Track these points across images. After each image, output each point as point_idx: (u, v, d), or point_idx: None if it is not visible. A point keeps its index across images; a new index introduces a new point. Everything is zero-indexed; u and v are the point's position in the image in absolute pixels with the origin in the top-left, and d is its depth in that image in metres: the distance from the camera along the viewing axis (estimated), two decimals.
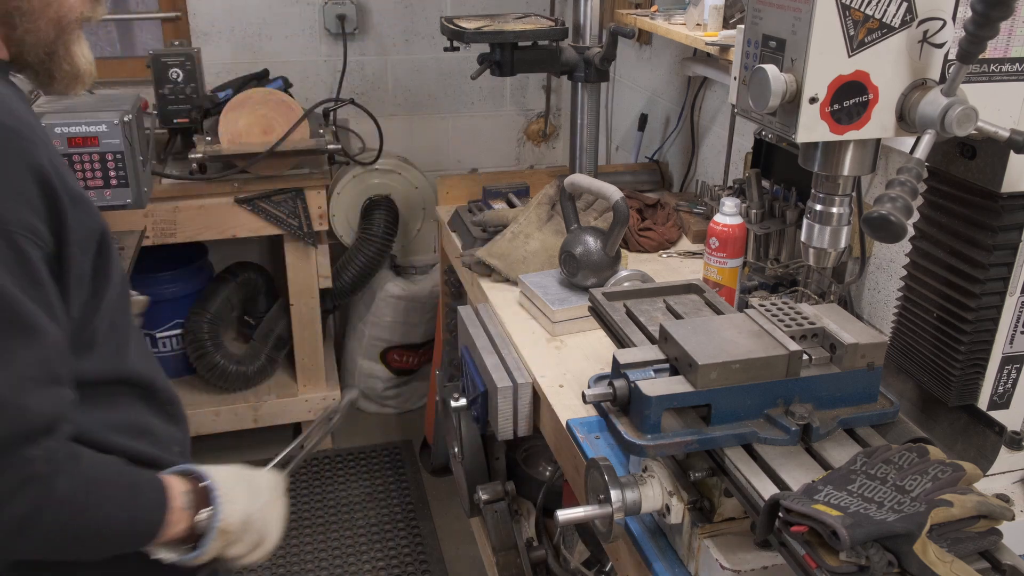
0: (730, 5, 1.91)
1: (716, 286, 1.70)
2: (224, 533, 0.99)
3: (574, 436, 1.38)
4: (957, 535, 0.87)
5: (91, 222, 0.92)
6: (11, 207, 0.81)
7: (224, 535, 0.99)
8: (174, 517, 0.96)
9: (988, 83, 1.00)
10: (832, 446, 1.04)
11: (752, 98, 0.98)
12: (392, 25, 3.10)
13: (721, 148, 2.29)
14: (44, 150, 0.86)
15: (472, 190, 2.46)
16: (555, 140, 3.46)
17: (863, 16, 0.92)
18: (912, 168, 0.91)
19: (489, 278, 1.97)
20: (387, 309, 3.14)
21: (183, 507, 0.97)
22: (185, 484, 0.99)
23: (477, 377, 1.72)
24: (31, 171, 0.84)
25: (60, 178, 0.87)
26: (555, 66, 2.21)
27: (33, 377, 0.83)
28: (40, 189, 0.84)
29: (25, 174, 0.83)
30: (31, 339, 0.83)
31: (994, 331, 1.13)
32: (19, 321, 0.82)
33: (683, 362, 1.06)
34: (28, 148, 0.84)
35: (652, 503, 1.07)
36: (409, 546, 2.70)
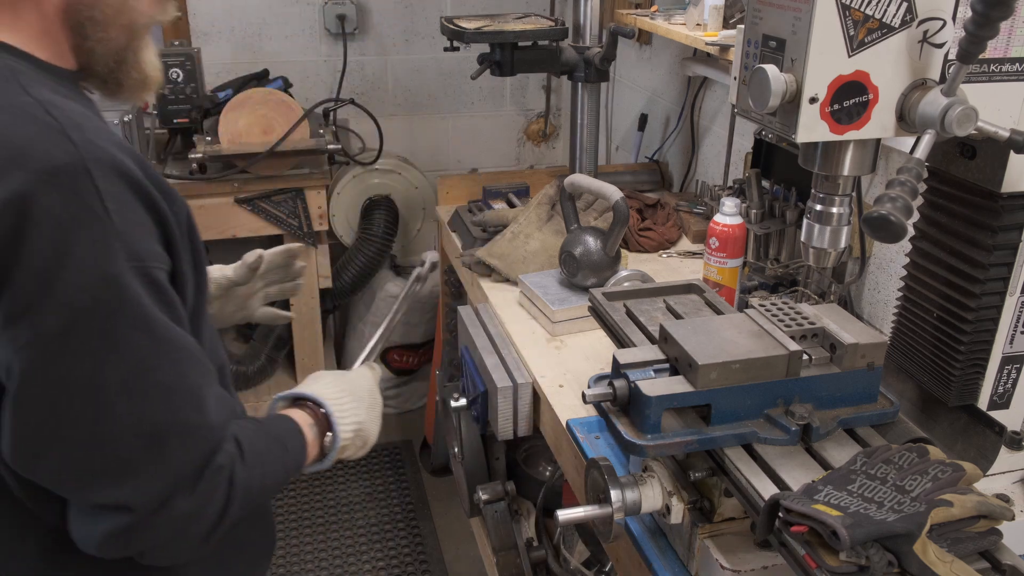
0: (730, 5, 1.91)
1: (716, 286, 1.70)
2: (343, 448, 1.12)
3: (574, 436, 1.38)
4: (957, 535, 0.87)
5: (182, 211, 0.92)
6: (139, 242, 0.82)
7: (343, 449, 1.12)
8: (311, 450, 1.07)
9: (988, 83, 1.00)
10: (832, 446, 1.04)
11: (752, 98, 0.98)
12: (392, 25, 3.10)
13: (721, 148, 2.29)
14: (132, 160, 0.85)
15: (472, 190, 2.46)
16: (555, 140, 3.46)
17: (863, 16, 0.92)
18: (912, 168, 0.91)
19: (489, 278, 1.97)
20: (387, 309, 3.13)
21: (314, 438, 1.08)
22: (309, 416, 1.09)
23: (477, 377, 1.72)
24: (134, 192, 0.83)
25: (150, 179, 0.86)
26: (555, 66, 2.21)
27: (208, 394, 0.89)
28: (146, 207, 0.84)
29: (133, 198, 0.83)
30: (192, 359, 0.87)
31: (994, 331, 1.13)
32: (180, 347, 0.86)
33: (683, 362, 1.06)
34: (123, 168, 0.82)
35: (652, 503, 1.07)
36: (409, 546, 2.70)
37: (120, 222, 0.80)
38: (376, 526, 2.77)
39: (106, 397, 0.81)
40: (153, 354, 0.83)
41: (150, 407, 0.83)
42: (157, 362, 0.83)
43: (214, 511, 0.88)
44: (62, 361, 0.79)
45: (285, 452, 1.01)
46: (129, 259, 0.80)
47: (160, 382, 0.84)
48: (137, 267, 0.81)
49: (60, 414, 0.81)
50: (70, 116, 0.82)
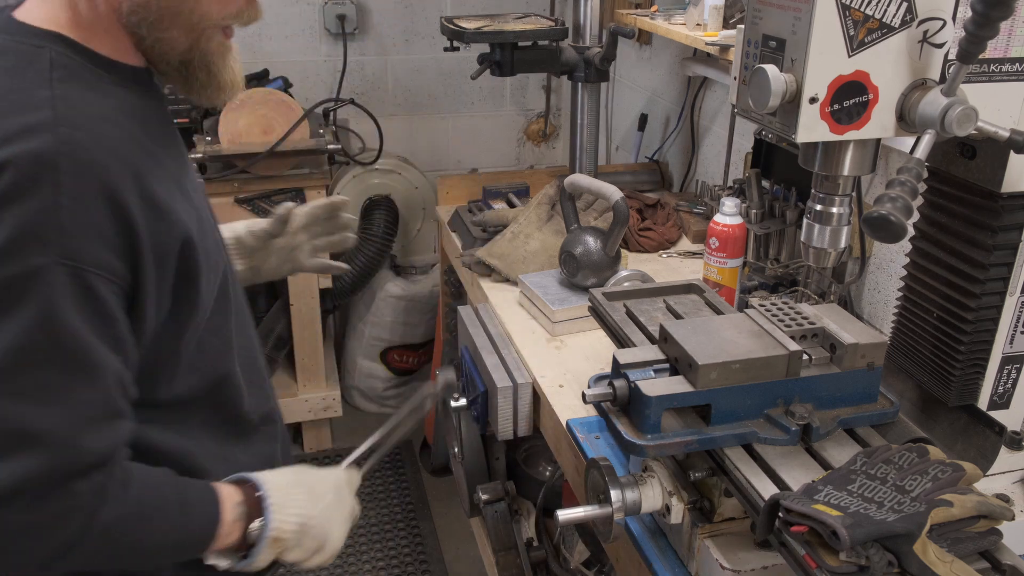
0: (730, 5, 1.91)
1: (716, 286, 1.70)
2: (277, 541, 0.98)
3: (574, 436, 1.38)
4: (957, 535, 0.87)
5: (172, 232, 0.88)
6: (83, 244, 0.80)
7: (277, 543, 0.98)
8: (225, 529, 0.96)
9: (988, 83, 1.00)
10: (832, 446, 1.04)
11: (752, 98, 0.98)
12: (392, 25, 3.10)
13: (721, 148, 2.29)
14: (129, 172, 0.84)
15: (472, 190, 2.46)
16: (555, 140, 3.46)
17: (863, 16, 0.92)
18: (912, 168, 0.91)
19: (489, 278, 1.97)
20: (387, 309, 3.14)
21: (235, 519, 0.96)
22: (239, 495, 0.98)
23: (477, 377, 1.72)
24: (105, 199, 0.81)
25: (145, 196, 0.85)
26: (555, 66, 2.21)
27: (92, 416, 0.84)
28: (114, 217, 0.82)
29: (99, 204, 0.81)
30: (93, 377, 0.83)
31: (994, 331, 1.13)
32: (83, 359, 0.82)
33: (683, 362, 1.06)
34: (102, 175, 0.81)
35: (652, 503, 1.07)
36: (409, 546, 2.70)
37: (68, 221, 0.79)
38: (376, 526, 2.78)
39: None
40: (41, 354, 0.80)
41: (13, 404, 0.80)
42: (43, 363, 0.80)
43: (59, 538, 0.83)
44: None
45: (184, 515, 0.93)
46: (62, 256, 0.79)
47: (37, 384, 0.80)
48: (69, 266, 0.79)
49: None
50: (74, 113, 0.83)
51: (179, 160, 1.00)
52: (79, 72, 0.87)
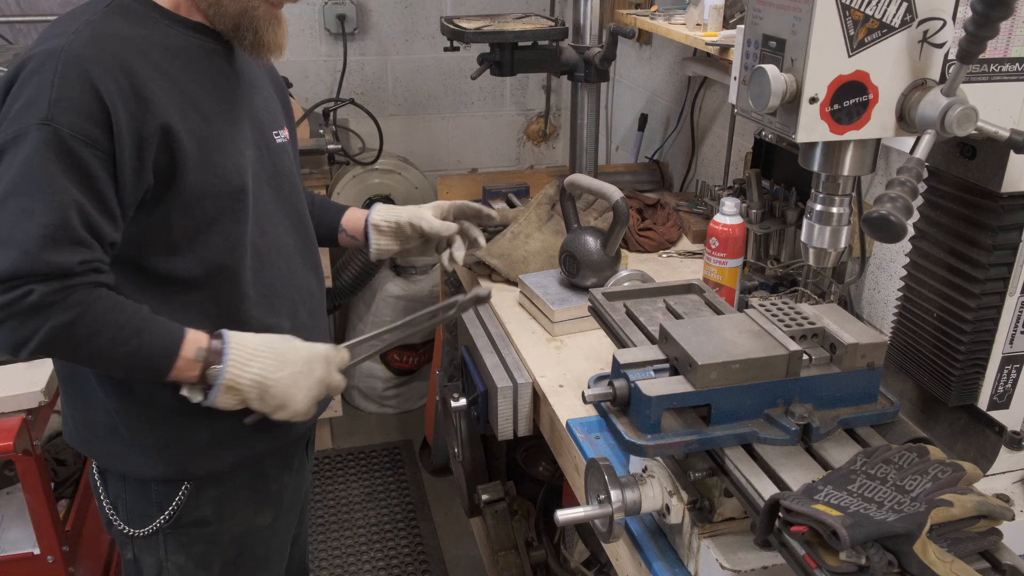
0: (730, 5, 1.91)
1: (716, 286, 1.70)
2: (231, 390, 1.17)
3: (574, 436, 1.38)
4: (957, 535, 0.87)
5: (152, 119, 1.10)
6: (65, 114, 1.05)
7: (232, 391, 1.17)
8: (182, 363, 1.15)
9: (988, 83, 1.00)
10: (832, 446, 1.04)
11: (752, 98, 0.98)
12: (392, 25, 3.11)
13: (721, 148, 2.29)
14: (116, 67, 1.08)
15: (472, 190, 2.46)
16: (555, 140, 3.46)
17: (863, 16, 0.92)
18: (912, 168, 0.91)
19: (489, 278, 1.97)
20: (387, 309, 3.14)
21: (194, 358, 1.15)
22: (204, 341, 1.17)
23: (477, 377, 1.72)
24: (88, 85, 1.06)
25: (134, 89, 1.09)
26: (555, 66, 2.21)
27: (52, 236, 1.05)
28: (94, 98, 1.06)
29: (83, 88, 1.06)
30: (56, 207, 1.05)
31: (994, 331, 1.13)
32: (50, 193, 1.05)
33: (683, 362, 1.06)
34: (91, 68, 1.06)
35: (652, 503, 1.07)
36: (409, 546, 2.70)
37: (57, 95, 1.05)
38: (376, 526, 2.78)
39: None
40: (25, 186, 1.05)
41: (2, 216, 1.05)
42: (23, 192, 1.05)
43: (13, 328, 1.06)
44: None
45: (139, 338, 1.12)
46: (47, 120, 1.05)
47: (16, 208, 1.04)
48: (49, 127, 1.05)
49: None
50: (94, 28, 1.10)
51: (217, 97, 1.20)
52: (133, 12, 1.15)
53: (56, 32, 1.11)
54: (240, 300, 1.25)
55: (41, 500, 1.77)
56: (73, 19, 1.12)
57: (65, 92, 1.06)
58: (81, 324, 1.08)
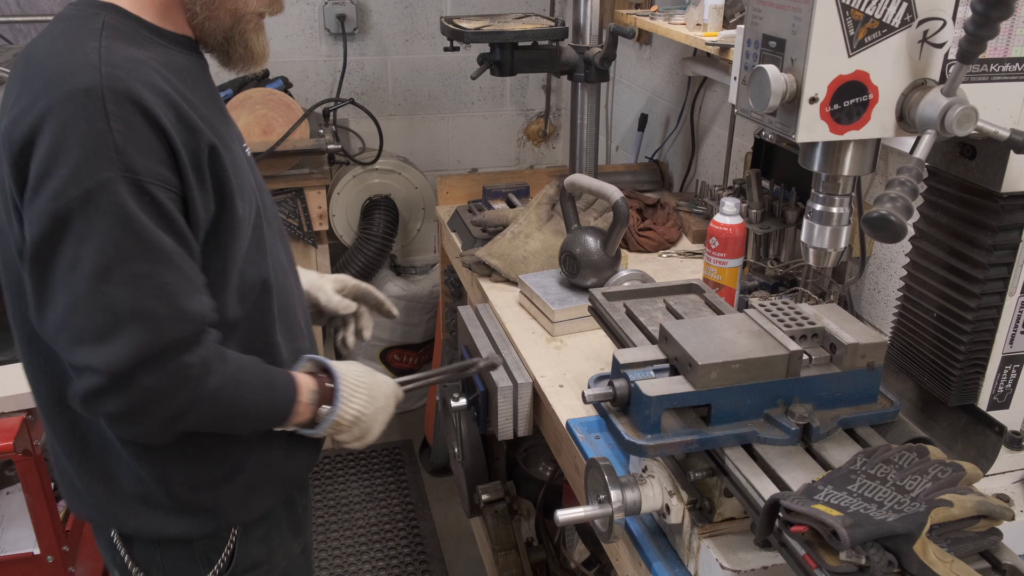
0: (730, 5, 1.91)
1: (716, 286, 1.70)
2: (336, 425, 1.21)
3: (574, 436, 1.38)
4: (957, 535, 0.87)
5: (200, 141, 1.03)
6: (137, 159, 0.96)
7: (336, 426, 1.21)
8: (300, 408, 1.16)
9: (988, 83, 1.00)
10: (832, 446, 1.04)
11: (752, 98, 0.98)
12: (392, 25, 3.10)
13: (721, 148, 2.29)
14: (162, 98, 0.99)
15: (472, 190, 2.46)
16: (555, 140, 3.46)
17: (863, 16, 0.92)
18: (912, 168, 0.91)
19: (489, 278, 1.97)
20: None
21: (309, 403, 1.17)
22: (314, 384, 1.19)
23: (477, 377, 1.72)
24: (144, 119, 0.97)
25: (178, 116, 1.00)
26: (555, 66, 2.21)
27: (181, 292, 1.00)
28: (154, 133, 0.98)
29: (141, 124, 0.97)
30: (172, 260, 1.00)
31: (994, 331, 1.13)
32: (160, 248, 0.98)
33: (683, 362, 1.06)
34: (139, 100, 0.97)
35: (652, 503, 1.07)
36: (409, 546, 2.70)
37: (121, 140, 0.95)
38: (376, 526, 2.77)
39: (83, 274, 0.96)
40: (129, 249, 0.96)
41: (120, 291, 0.96)
42: (132, 256, 0.97)
43: (177, 399, 1.01)
44: (54, 238, 0.96)
45: (271, 392, 1.13)
46: (123, 170, 0.95)
47: (132, 273, 0.97)
48: (130, 178, 0.95)
49: (52, 282, 0.98)
50: (115, 55, 0.98)
51: (219, 116, 1.14)
52: (127, 32, 1.04)
53: (63, 69, 0.97)
54: (272, 331, 1.21)
55: (41, 500, 1.77)
56: (72, 50, 0.99)
57: (130, 134, 0.96)
58: (226, 386, 1.05)
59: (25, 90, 0.98)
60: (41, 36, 1.06)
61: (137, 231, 0.96)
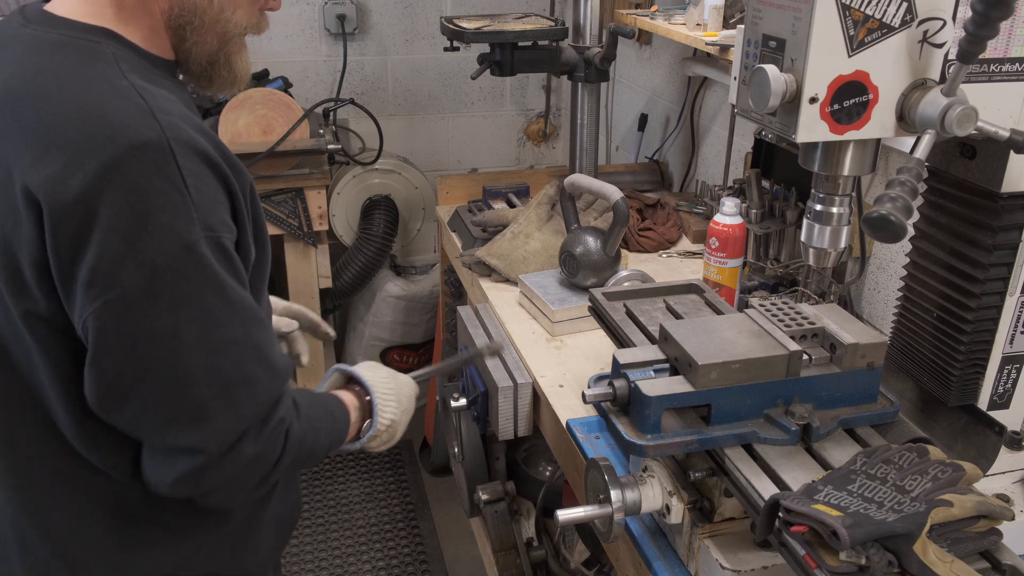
0: (730, 5, 1.91)
1: (716, 286, 1.70)
2: (374, 437, 1.21)
3: (574, 436, 1.38)
4: (957, 535, 0.87)
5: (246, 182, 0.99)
6: (212, 214, 0.91)
7: (373, 437, 1.21)
8: (352, 430, 1.18)
9: (988, 83, 1.00)
10: (832, 446, 1.04)
11: (752, 98, 0.98)
12: (392, 25, 3.10)
13: (721, 148, 2.29)
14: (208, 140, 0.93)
15: (472, 190, 2.46)
16: (555, 140, 3.46)
17: (863, 16, 0.92)
18: (912, 168, 0.91)
19: (489, 278, 1.97)
20: (387, 309, 3.14)
21: (355, 420, 1.18)
22: (355, 400, 1.19)
23: (477, 377, 1.72)
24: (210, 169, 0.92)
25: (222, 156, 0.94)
26: (555, 66, 2.21)
27: (270, 349, 0.98)
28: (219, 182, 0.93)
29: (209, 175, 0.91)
30: (257, 318, 0.97)
31: (994, 331, 1.13)
32: (247, 308, 0.95)
33: (683, 362, 1.06)
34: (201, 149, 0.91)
35: (652, 503, 1.07)
36: (409, 546, 2.70)
37: (197, 195, 0.89)
38: (376, 526, 2.77)
39: (183, 349, 0.89)
40: (224, 313, 0.92)
41: (221, 360, 0.92)
42: (227, 320, 0.92)
43: (272, 458, 0.98)
44: (144, 314, 0.88)
45: (334, 423, 1.12)
46: (204, 229, 0.89)
47: (230, 338, 0.92)
48: (210, 236, 0.90)
49: (142, 363, 0.89)
50: (158, 100, 0.91)
51: None
52: (135, 64, 0.96)
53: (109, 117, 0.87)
54: None
55: None
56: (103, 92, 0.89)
57: (203, 187, 0.89)
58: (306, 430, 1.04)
59: (53, 142, 0.86)
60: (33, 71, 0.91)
61: (227, 292, 0.92)
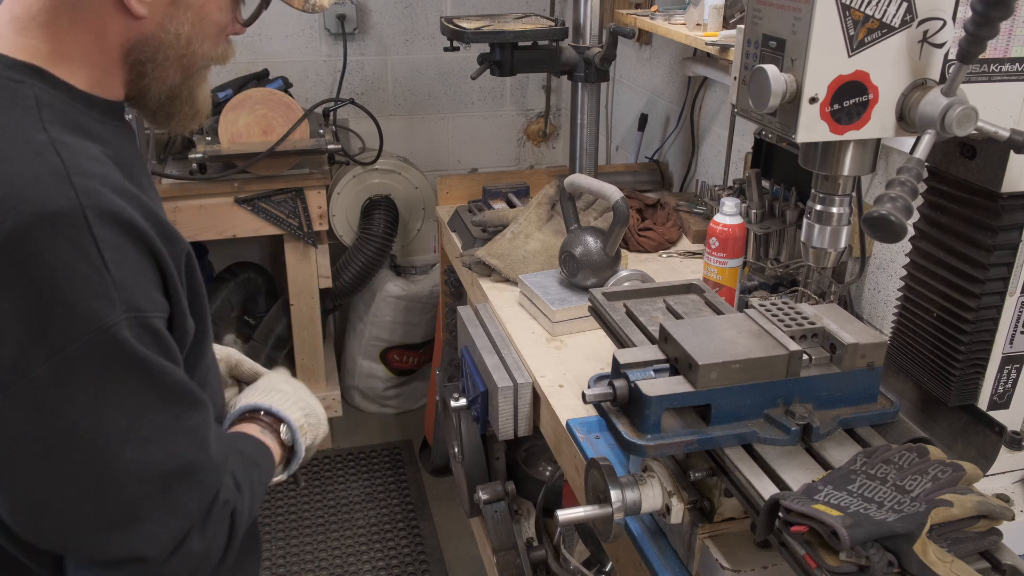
0: (730, 5, 1.91)
1: (716, 286, 1.70)
2: (302, 429, 1.11)
3: (574, 436, 1.38)
4: (957, 535, 0.87)
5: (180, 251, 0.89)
6: (137, 291, 0.81)
7: (302, 430, 1.11)
8: (276, 453, 1.08)
9: (988, 83, 1.00)
10: (832, 446, 1.04)
11: (752, 98, 0.98)
12: (392, 25, 3.10)
13: (721, 148, 2.29)
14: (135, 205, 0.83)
15: (472, 190, 2.46)
16: (555, 140, 3.46)
17: (863, 16, 0.92)
18: (912, 168, 0.91)
19: (489, 278, 1.97)
20: (387, 309, 3.14)
21: (273, 442, 1.08)
22: (255, 426, 1.09)
23: (477, 377, 1.72)
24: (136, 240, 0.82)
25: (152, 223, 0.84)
26: (555, 66, 2.21)
27: (209, 435, 0.89)
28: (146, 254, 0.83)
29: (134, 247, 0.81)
30: (194, 402, 0.87)
31: (994, 331, 1.13)
32: (182, 391, 0.85)
33: (683, 362, 1.06)
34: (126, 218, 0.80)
35: (652, 503, 1.07)
36: (409, 546, 2.70)
37: (117, 271, 0.78)
38: (376, 526, 2.78)
39: (107, 446, 0.79)
40: (150, 398, 0.82)
41: (152, 452, 0.82)
42: (155, 406, 0.82)
43: (221, 547, 0.89)
44: (56, 410, 0.77)
45: (260, 470, 1.02)
46: (127, 309, 0.79)
47: (160, 425, 0.83)
48: (134, 317, 0.80)
49: (60, 469, 0.78)
50: (78, 159, 0.80)
51: (152, 191, 0.98)
52: (63, 111, 0.85)
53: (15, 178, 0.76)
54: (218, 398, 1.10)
55: None
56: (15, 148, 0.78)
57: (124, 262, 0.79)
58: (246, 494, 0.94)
59: None
60: None
61: (153, 376, 0.82)
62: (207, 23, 0.92)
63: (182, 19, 0.89)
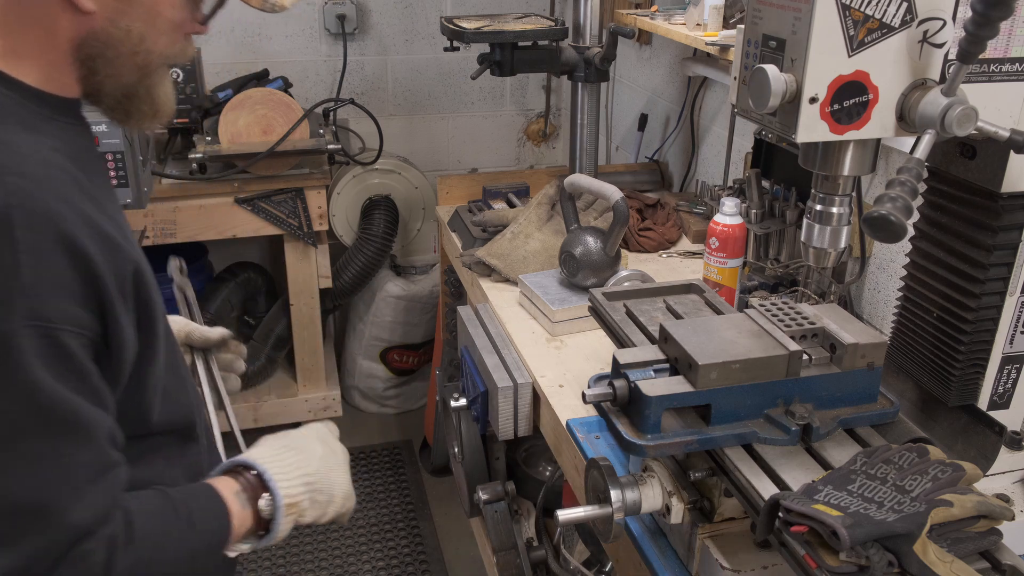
0: (730, 5, 1.91)
1: (716, 286, 1.70)
2: (291, 507, 0.99)
3: (574, 436, 1.38)
4: (957, 535, 0.87)
5: (126, 264, 0.85)
6: (49, 301, 0.76)
7: (292, 508, 0.99)
8: (236, 520, 0.95)
9: (988, 83, 1.00)
10: (832, 446, 1.04)
11: (752, 98, 0.98)
12: (392, 25, 3.10)
13: (721, 148, 2.29)
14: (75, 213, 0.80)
15: (472, 190, 2.46)
16: (555, 140, 3.46)
17: (863, 16, 0.92)
18: (912, 168, 0.91)
19: (489, 278, 1.97)
20: (387, 309, 3.14)
21: (241, 507, 0.96)
22: (235, 483, 0.98)
23: (477, 377, 1.72)
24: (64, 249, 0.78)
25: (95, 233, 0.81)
26: (555, 66, 2.21)
27: (89, 477, 0.81)
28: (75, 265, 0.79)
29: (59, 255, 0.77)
30: (82, 437, 0.81)
31: (994, 331, 1.13)
32: (71, 421, 0.79)
33: (683, 362, 1.06)
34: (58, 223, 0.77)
35: (652, 503, 1.07)
36: (409, 546, 2.70)
37: (30, 276, 0.75)
38: (376, 526, 2.78)
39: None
40: (28, 422, 0.76)
41: (9, 479, 0.76)
42: (30, 431, 0.77)
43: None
44: None
45: (193, 530, 0.91)
46: (29, 317, 0.75)
47: (29, 453, 0.77)
48: (38, 327, 0.75)
49: None
50: (15, 159, 0.78)
51: (107, 191, 0.96)
52: (12, 109, 0.84)
53: None
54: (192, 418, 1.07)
55: None
56: None
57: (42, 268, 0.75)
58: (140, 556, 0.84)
59: None
60: None
61: (38, 397, 0.76)
62: (160, 20, 0.90)
63: (132, 15, 0.88)
